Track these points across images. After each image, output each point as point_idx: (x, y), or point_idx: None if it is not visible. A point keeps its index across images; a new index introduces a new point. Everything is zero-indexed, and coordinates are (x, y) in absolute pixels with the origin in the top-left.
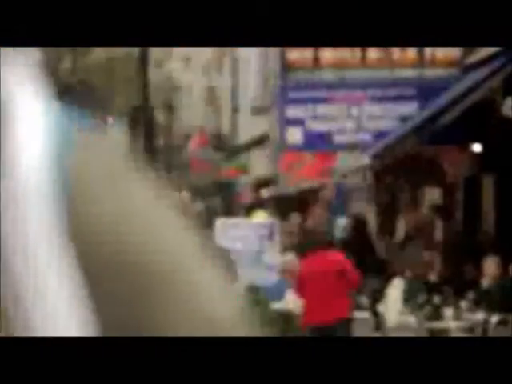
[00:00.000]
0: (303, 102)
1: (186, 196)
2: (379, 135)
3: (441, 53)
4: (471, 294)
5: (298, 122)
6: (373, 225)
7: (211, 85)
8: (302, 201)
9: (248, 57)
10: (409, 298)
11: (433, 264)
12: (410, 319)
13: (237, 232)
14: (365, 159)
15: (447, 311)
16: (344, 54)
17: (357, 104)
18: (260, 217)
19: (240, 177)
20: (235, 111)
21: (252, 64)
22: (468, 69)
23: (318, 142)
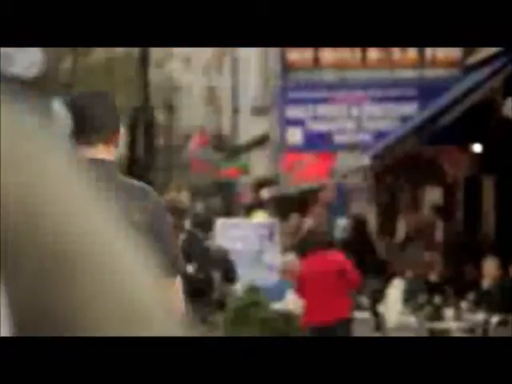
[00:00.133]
0: (303, 103)
1: (186, 196)
2: (379, 135)
3: (441, 53)
4: (471, 295)
5: (299, 123)
6: (373, 225)
7: (211, 85)
8: (303, 201)
9: (248, 57)
10: (409, 299)
11: (433, 264)
12: (411, 319)
13: (237, 232)
14: (365, 159)
15: (447, 312)
16: (344, 55)
17: (357, 104)
18: (260, 217)
19: (240, 177)
20: (235, 111)
21: (252, 64)
22: (468, 69)
23: (319, 143)
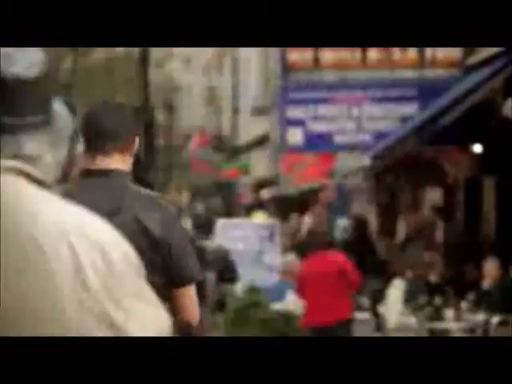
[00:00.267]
0: (304, 103)
1: (187, 196)
2: (380, 136)
3: (441, 53)
4: (472, 295)
5: (299, 123)
6: (373, 225)
7: (211, 85)
8: (303, 202)
9: (248, 57)
10: (409, 299)
11: (433, 265)
12: (411, 320)
13: (237, 232)
14: (365, 160)
15: (448, 312)
16: (344, 55)
17: (357, 105)
18: (259, 218)
19: (240, 177)
20: (235, 112)
21: (252, 64)
22: (469, 69)
23: (319, 143)
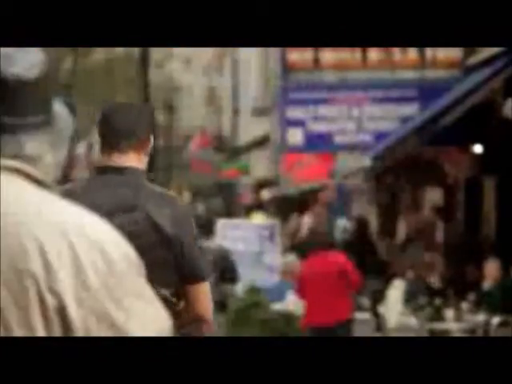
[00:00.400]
0: (304, 103)
1: (187, 197)
2: (380, 136)
3: (442, 54)
4: (472, 296)
5: (299, 123)
6: (374, 226)
7: (212, 85)
8: (303, 202)
9: (248, 58)
10: (410, 299)
11: (434, 265)
12: (411, 320)
13: (237, 233)
14: (365, 160)
15: (448, 312)
16: (345, 56)
17: (358, 105)
18: (258, 218)
19: (241, 178)
20: (236, 112)
21: (252, 65)
22: (469, 70)
23: (319, 143)
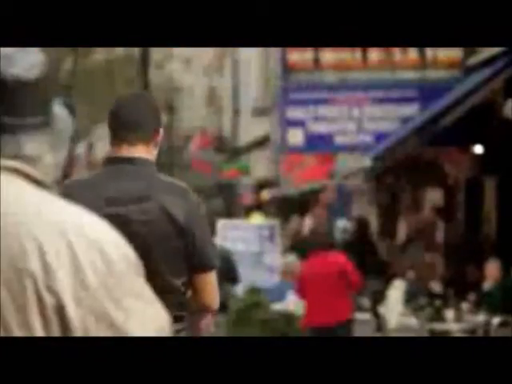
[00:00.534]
0: (304, 104)
1: None
2: (380, 137)
3: (442, 54)
4: (472, 296)
5: (299, 124)
6: (374, 226)
7: (212, 86)
8: (304, 202)
9: (249, 58)
10: (410, 300)
11: (434, 266)
12: (411, 320)
13: (238, 233)
14: (366, 161)
15: (448, 313)
16: (345, 56)
17: (358, 105)
18: (257, 219)
19: (241, 178)
20: (236, 112)
21: (253, 65)
22: (469, 70)
23: (319, 144)
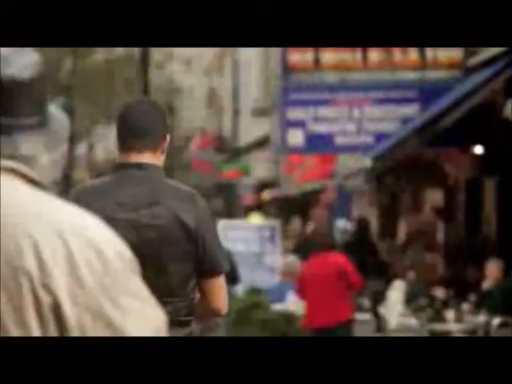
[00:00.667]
0: (304, 104)
1: None
2: (380, 137)
3: (442, 55)
4: (473, 297)
5: (299, 124)
6: (374, 227)
7: (212, 86)
8: (304, 203)
9: (249, 58)
10: (410, 300)
11: (434, 266)
12: (412, 321)
13: (238, 234)
14: (366, 161)
15: (448, 313)
16: (345, 56)
17: (358, 106)
18: (256, 219)
19: (241, 179)
20: (236, 113)
21: (253, 66)
22: (470, 71)
23: (320, 144)
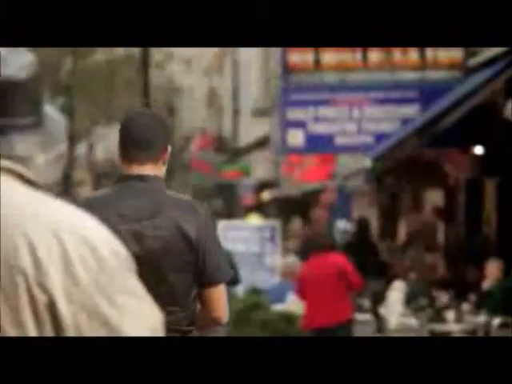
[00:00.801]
0: (304, 104)
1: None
2: (381, 137)
3: (443, 55)
4: (473, 297)
5: (300, 124)
6: (374, 227)
7: (212, 86)
8: (304, 203)
9: (249, 58)
10: (411, 301)
11: (435, 266)
12: (412, 321)
13: (238, 234)
14: (366, 161)
15: (449, 314)
16: (345, 57)
17: (358, 106)
18: (254, 220)
19: (241, 179)
20: (236, 113)
21: (253, 66)
22: (470, 71)
23: (320, 145)
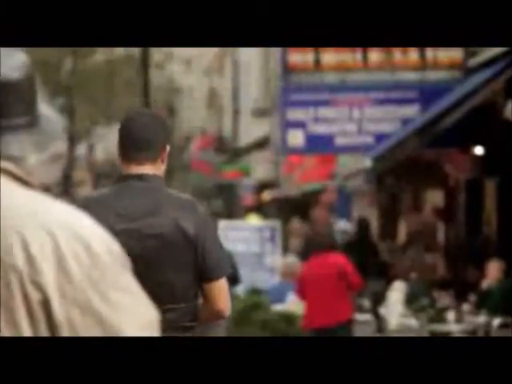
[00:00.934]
0: (305, 105)
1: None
2: (381, 138)
3: (443, 55)
4: (473, 297)
5: (300, 125)
6: (374, 227)
7: (212, 87)
8: (305, 203)
9: (249, 59)
10: (411, 301)
11: (435, 267)
12: (412, 322)
13: (238, 234)
14: (366, 162)
15: (449, 314)
16: (345, 57)
17: (358, 106)
18: (253, 220)
19: (241, 179)
20: (236, 113)
21: (253, 66)
22: (470, 71)
23: (320, 145)
